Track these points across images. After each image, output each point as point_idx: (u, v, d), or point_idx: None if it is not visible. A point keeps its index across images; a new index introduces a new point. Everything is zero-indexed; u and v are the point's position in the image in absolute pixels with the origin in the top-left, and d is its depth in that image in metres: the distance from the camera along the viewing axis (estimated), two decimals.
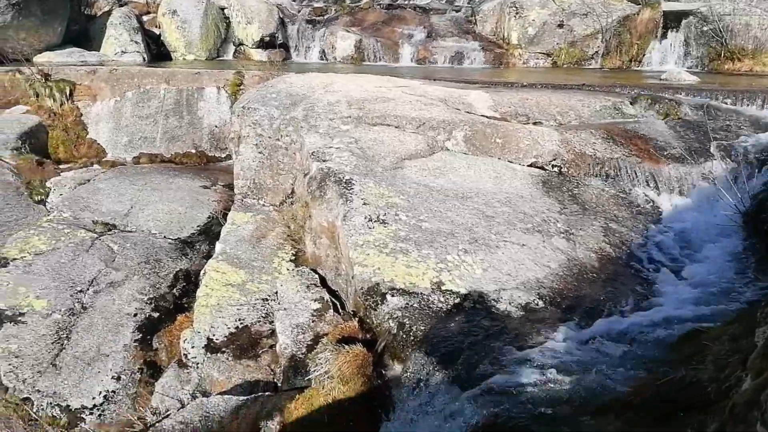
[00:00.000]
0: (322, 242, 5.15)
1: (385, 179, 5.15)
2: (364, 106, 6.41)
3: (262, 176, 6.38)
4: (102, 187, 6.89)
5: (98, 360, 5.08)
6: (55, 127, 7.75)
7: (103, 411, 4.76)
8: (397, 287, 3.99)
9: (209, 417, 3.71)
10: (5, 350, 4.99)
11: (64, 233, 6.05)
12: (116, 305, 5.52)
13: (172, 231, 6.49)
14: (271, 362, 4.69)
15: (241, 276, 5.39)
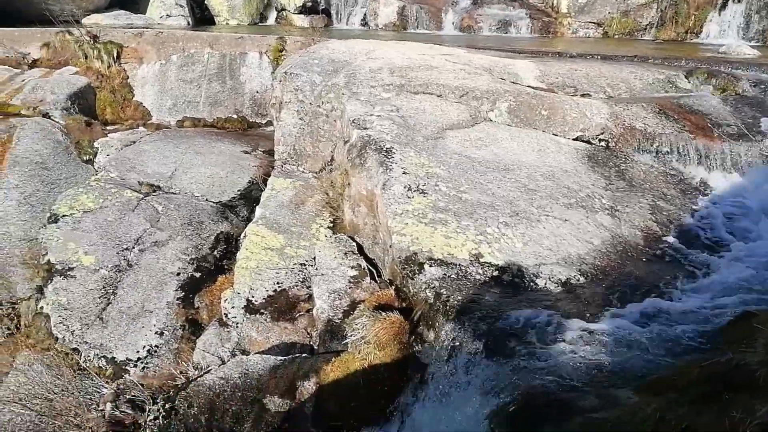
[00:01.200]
0: (361, 210, 5.16)
1: (425, 149, 5.09)
2: (407, 74, 6.31)
3: (302, 143, 6.39)
4: (147, 149, 7.05)
5: (143, 315, 5.27)
6: (103, 89, 7.92)
7: (147, 364, 4.96)
8: (435, 257, 3.97)
9: (248, 374, 3.81)
10: (55, 302, 5.24)
11: (111, 192, 6.24)
12: (160, 264, 5.69)
13: (213, 194, 6.60)
14: (307, 325, 4.77)
15: (280, 241, 5.46)
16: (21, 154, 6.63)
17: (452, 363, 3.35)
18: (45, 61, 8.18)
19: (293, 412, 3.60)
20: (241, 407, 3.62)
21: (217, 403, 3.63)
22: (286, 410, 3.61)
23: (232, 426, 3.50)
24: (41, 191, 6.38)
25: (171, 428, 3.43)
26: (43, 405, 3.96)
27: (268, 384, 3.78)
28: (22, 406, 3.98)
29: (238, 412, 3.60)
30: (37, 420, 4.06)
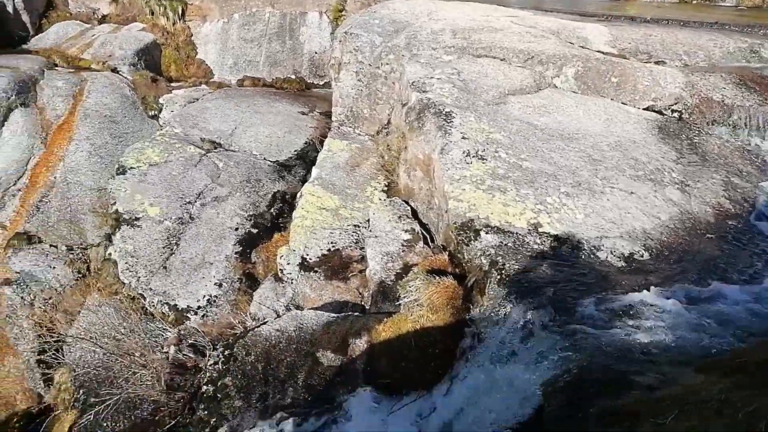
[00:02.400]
0: (416, 174, 5.13)
1: (486, 114, 4.96)
2: (469, 36, 6.12)
3: (360, 105, 6.36)
4: (209, 106, 7.20)
5: (203, 267, 5.49)
6: (168, 46, 8.10)
7: (206, 313, 5.19)
8: (491, 225, 3.91)
9: (303, 328, 3.92)
10: (123, 250, 5.51)
11: (175, 147, 6.44)
12: (220, 218, 5.88)
13: (271, 153, 6.71)
14: (359, 286, 4.85)
15: (335, 201, 5.52)
16: (91, 107, 6.91)
17: (505, 331, 3.33)
18: (114, 16, 8.41)
19: (345, 367, 3.69)
20: (295, 359, 3.74)
21: (272, 353, 3.76)
22: (338, 365, 3.71)
23: (287, 376, 3.63)
24: (110, 143, 6.66)
25: (230, 373, 3.59)
26: (112, 344, 4.24)
27: (321, 339, 3.88)
28: (93, 344, 4.26)
29: (292, 363, 3.72)
30: (105, 357, 4.35)
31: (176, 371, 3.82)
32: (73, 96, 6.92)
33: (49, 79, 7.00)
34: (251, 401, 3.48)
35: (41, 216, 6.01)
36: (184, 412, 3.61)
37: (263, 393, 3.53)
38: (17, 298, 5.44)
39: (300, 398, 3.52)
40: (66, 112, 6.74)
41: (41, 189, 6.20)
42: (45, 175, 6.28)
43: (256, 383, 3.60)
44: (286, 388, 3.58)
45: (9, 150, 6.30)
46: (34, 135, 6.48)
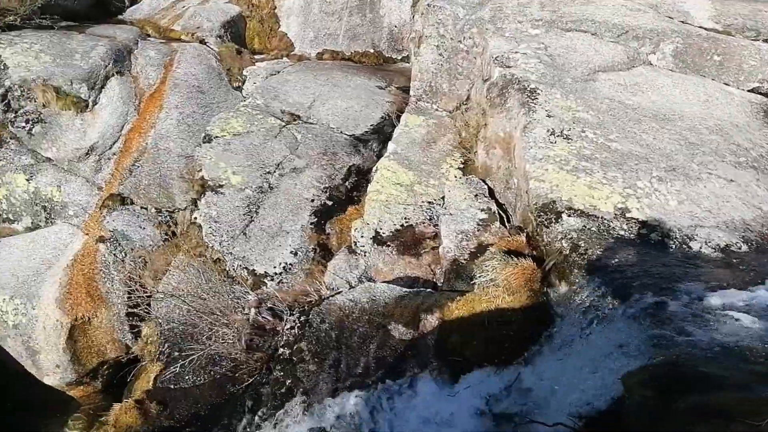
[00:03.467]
0: (495, 153, 5.01)
1: (573, 91, 4.75)
2: (558, 9, 5.85)
3: (439, 80, 6.27)
4: (290, 79, 7.34)
5: (280, 235, 5.67)
6: (252, 18, 8.29)
7: (282, 279, 5.37)
8: (575, 207, 3.77)
9: (375, 300, 3.98)
10: (207, 215, 5.78)
11: (257, 118, 6.63)
12: (297, 189, 6.02)
13: (348, 127, 6.77)
14: (431, 262, 4.85)
15: (410, 177, 5.51)
16: (180, 77, 7.21)
17: (585, 318, 3.23)
18: None
19: (416, 341, 3.73)
20: (367, 329, 3.81)
21: (346, 322, 3.85)
22: (409, 339, 3.75)
23: (359, 345, 3.71)
24: (197, 113, 6.94)
25: (305, 338, 3.72)
26: (198, 302, 4.49)
27: (393, 312, 3.93)
28: (182, 301, 4.54)
29: (364, 333, 3.79)
30: (190, 315, 4.62)
31: (255, 332, 4.01)
32: (164, 66, 7.25)
33: (142, 49, 7.37)
34: (324, 367, 3.59)
35: (133, 179, 6.40)
36: (262, 372, 3.78)
37: (336, 360, 3.63)
38: (110, 255, 5.84)
39: (371, 368, 3.60)
40: (157, 81, 7.09)
41: (134, 154, 6.58)
42: (137, 141, 6.66)
43: (330, 350, 3.70)
44: (358, 357, 3.66)
45: (106, 116, 6.72)
46: (129, 102, 6.87)
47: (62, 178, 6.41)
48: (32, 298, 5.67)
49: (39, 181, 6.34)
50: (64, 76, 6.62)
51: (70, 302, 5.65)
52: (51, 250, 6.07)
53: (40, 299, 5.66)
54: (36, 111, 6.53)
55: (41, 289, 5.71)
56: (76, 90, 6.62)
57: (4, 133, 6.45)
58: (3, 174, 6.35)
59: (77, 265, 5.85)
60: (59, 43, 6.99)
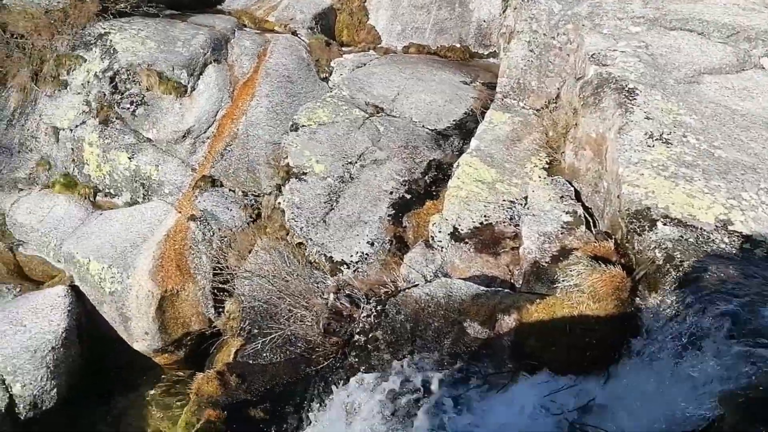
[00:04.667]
0: (585, 154, 4.83)
1: (675, 93, 4.49)
2: (663, 6, 5.53)
3: (528, 77, 6.11)
4: (376, 71, 7.42)
5: (358, 225, 5.77)
6: (342, 11, 8.45)
7: (358, 268, 5.46)
8: (671, 216, 3.58)
9: (451, 296, 3.97)
10: (290, 201, 5.97)
11: (342, 109, 6.77)
12: (377, 181, 6.10)
13: (430, 121, 6.76)
14: (510, 263, 4.76)
15: (491, 174, 5.43)
16: (272, 66, 7.48)
17: (678, 333, 3.05)
18: None
19: (491, 341, 3.68)
20: (442, 325, 3.81)
21: (421, 315, 3.87)
22: (485, 338, 3.71)
23: (433, 339, 3.72)
24: (285, 102, 7.19)
25: (380, 327, 3.77)
26: (281, 284, 4.67)
27: (469, 309, 3.90)
28: (267, 281, 4.74)
29: (439, 328, 3.79)
30: (272, 295, 4.81)
31: (333, 317, 4.11)
32: (258, 55, 7.55)
33: (238, 39, 7.71)
34: (399, 356, 3.63)
35: (224, 163, 6.73)
36: (337, 356, 3.88)
37: (410, 352, 3.66)
38: (199, 233, 6.19)
39: (445, 363, 3.59)
40: (251, 70, 7.40)
41: (226, 138, 6.91)
42: (230, 126, 6.99)
43: (404, 341, 3.74)
44: (432, 351, 3.67)
45: (203, 101, 7.10)
46: (224, 89, 7.22)
47: (160, 158, 6.86)
48: (128, 269, 6.13)
49: (139, 159, 6.81)
50: (167, 62, 7.05)
51: (162, 275, 6.05)
52: (147, 225, 6.52)
53: (135, 270, 6.10)
54: (140, 94, 7.01)
55: (136, 260, 6.16)
56: (177, 75, 7.03)
57: (110, 113, 6.97)
58: (108, 151, 6.88)
59: (169, 240, 6.25)
60: (163, 30, 7.45)
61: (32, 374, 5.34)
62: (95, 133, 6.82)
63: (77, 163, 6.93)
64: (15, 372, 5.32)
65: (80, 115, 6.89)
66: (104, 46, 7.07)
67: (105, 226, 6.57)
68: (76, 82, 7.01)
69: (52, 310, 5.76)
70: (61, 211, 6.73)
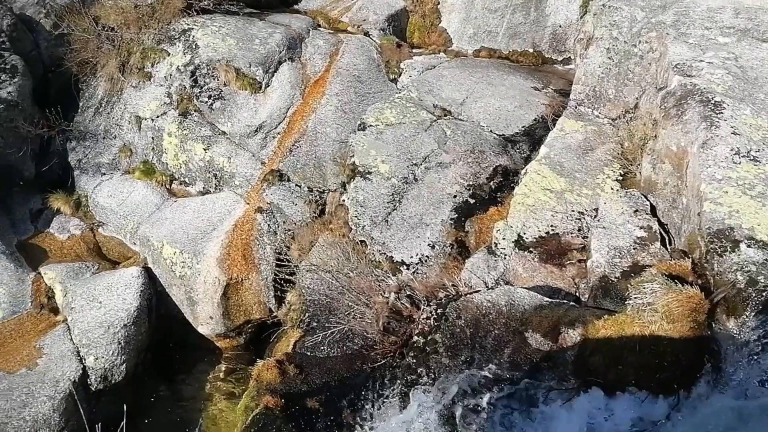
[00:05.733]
0: (663, 168, 4.64)
1: (766, 109, 4.23)
2: (756, 17, 5.22)
3: (605, 85, 5.92)
4: (445, 74, 7.39)
5: (420, 227, 5.77)
6: (415, 13, 8.48)
7: (417, 270, 5.46)
8: (756, 237, 3.38)
9: (514, 305, 3.91)
10: (354, 199, 6.05)
11: (410, 111, 6.79)
12: (441, 184, 6.08)
13: (498, 126, 6.67)
14: (576, 275, 4.63)
15: (561, 184, 5.30)
16: (343, 66, 7.60)
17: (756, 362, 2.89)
18: None
19: (553, 354, 3.60)
20: (503, 333, 3.76)
21: (482, 322, 3.83)
22: (547, 350, 3.63)
23: (493, 347, 3.68)
24: (354, 101, 7.29)
25: (440, 331, 3.77)
26: (343, 279, 4.75)
27: (531, 320, 3.83)
28: (331, 275, 4.83)
29: (499, 336, 3.75)
30: (332, 290, 4.90)
31: (393, 317, 4.14)
32: (330, 55, 7.70)
33: (312, 38, 7.88)
34: (457, 362, 3.61)
35: (292, 158, 6.90)
36: (395, 356, 3.91)
37: (469, 357, 3.63)
38: (265, 225, 6.38)
39: (504, 372, 3.55)
40: (322, 69, 7.55)
41: (295, 135, 7.09)
42: (299, 123, 7.17)
43: (464, 346, 3.71)
44: (491, 359, 3.63)
45: (275, 98, 7.31)
46: (296, 87, 7.41)
47: (233, 151, 7.12)
48: (197, 255, 6.40)
49: (214, 151, 7.10)
50: (244, 59, 7.31)
51: (228, 263, 6.28)
52: (217, 214, 6.79)
53: (204, 256, 6.36)
54: (218, 88, 7.30)
55: (206, 247, 6.42)
56: (253, 72, 7.28)
57: (190, 105, 7.30)
58: (185, 142, 7.21)
59: (237, 230, 6.48)
60: (242, 28, 7.72)
61: (105, 348, 5.66)
62: (175, 123, 7.17)
63: (156, 151, 7.30)
64: (89, 345, 5.67)
65: (162, 106, 7.26)
66: (187, 42, 7.41)
67: (179, 212, 6.89)
68: (160, 75, 7.38)
69: (126, 290, 6.09)
70: (139, 196, 7.11)
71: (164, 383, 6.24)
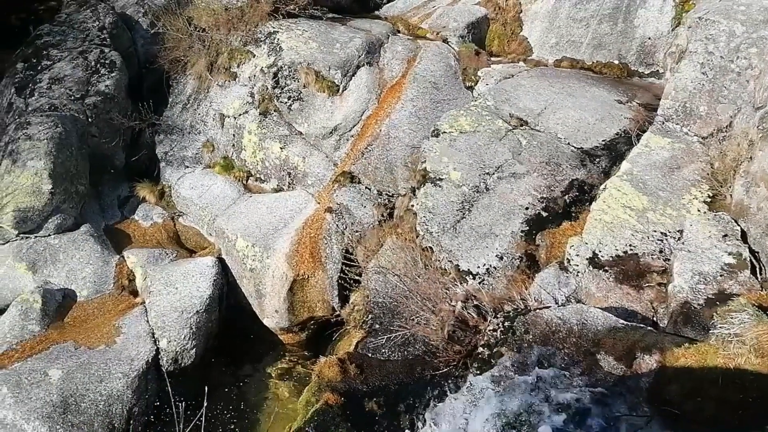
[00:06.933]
0: (758, 192, 4.33)
1: None
2: None
3: (697, 101, 5.61)
4: (523, 84, 7.25)
5: (488, 237, 5.68)
6: (496, 21, 8.37)
7: (483, 280, 5.38)
8: None
9: (586, 324, 3.76)
10: (423, 205, 6.04)
11: (485, 119, 6.71)
12: (513, 195, 5.96)
13: (577, 139, 6.46)
14: (654, 299, 4.40)
15: (642, 202, 5.06)
16: (420, 72, 7.63)
17: None
18: None
19: (626, 379, 3.43)
20: (573, 352, 3.63)
21: (550, 339, 3.71)
22: (619, 375, 3.47)
23: (562, 366, 3.55)
24: (428, 107, 7.29)
25: (506, 344, 3.68)
26: (411, 284, 4.75)
27: (604, 342, 3.67)
28: (398, 278, 4.85)
29: (569, 355, 3.62)
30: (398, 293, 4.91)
31: (458, 325, 4.09)
32: (407, 61, 7.74)
33: (391, 44, 7.96)
34: (524, 378, 3.51)
35: (364, 161, 6.99)
36: (458, 365, 3.85)
37: (537, 375, 3.52)
38: (334, 225, 6.48)
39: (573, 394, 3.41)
40: (399, 75, 7.60)
41: (368, 138, 7.18)
42: (373, 127, 7.25)
43: (530, 363, 3.61)
44: (559, 378, 3.50)
45: (352, 101, 7.45)
46: (372, 91, 7.51)
47: (307, 151, 7.31)
48: (268, 249, 6.60)
49: (290, 150, 7.32)
50: (324, 62, 7.49)
51: (296, 259, 6.43)
52: (288, 211, 6.98)
53: (274, 251, 6.55)
54: (297, 90, 7.53)
55: (276, 243, 6.61)
56: (332, 75, 7.45)
57: (270, 105, 7.57)
58: (264, 140, 7.48)
59: (307, 228, 6.62)
60: (325, 32, 7.92)
61: (177, 332, 5.94)
62: (255, 122, 7.45)
63: (236, 148, 7.62)
64: (164, 328, 5.97)
65: (244, 105, 7.56)
66: (272, 44, 7.69)
67: (253, 207, 7.14)
68: (244, 75, 7.70)
69: (201, 278, 6.37)
70: (218, 189, 7.43)
71: (229, 370, 6.47)
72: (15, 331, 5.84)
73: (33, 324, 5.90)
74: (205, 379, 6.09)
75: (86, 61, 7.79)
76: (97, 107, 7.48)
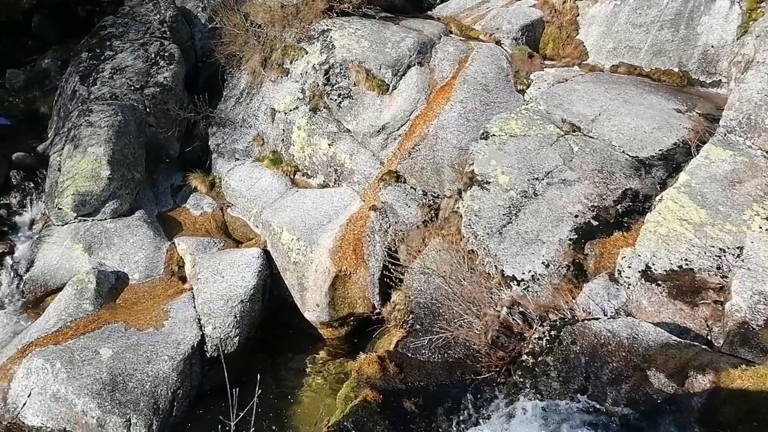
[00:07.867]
0: None
1: None
2: None
3: (763, 114, 5.36)
4: (577, 89, 7.09)
5: (535, 243, 5.59)
6: (551, 24, 8.22)
7: (528, 287, 5.29)
8: None
9: (636, 339, 3.65)
10: (469, 207, 5.99)
11: (536, 123, 6.60)
12: (562, 201, 5.84)
13: (632, 148, 6.27)
14: (709, 317, 4.24)
15: (701, 216, 4.88)
16: (471, 74, 7.56)
17: None
18: None
19: (677, 397, 3.32)
20: (622, 367, 3.53)
21: (599, 351, 3.62)
22: (670, 393, 3.36)
23: (609, 381, 3.47)
24: (478, 109, 7.23)
25: (552, 354, 3.62)
26: (455, 286, 4.73)
27: (655, 358, 3.55)
28: (443, 279, 4.83)
29: (618, 370, 3.52)
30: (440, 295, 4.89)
31: (502, 331, 4.05)
32: (458, 62, 7.69)
33: (443, 44, 7.93)
34: (568, 389, 3.45)
35: (410, 161, 6.99)
36: (500, 371, 3.81)
37: (582, 386, 3.45)
38: (377, 223, 6.51)
39: (619, 408, 3.32)
40: (449, 76, 7.56)
41: (415, 138, 7.17)
42: (421, 127, 7.24)
43: (576, 374, 3.54)
44: (606, 392, 3.42)
45: (401, 100, 7.46)
46: (421, 91, 7.49)
47: (355, 149, 7.36)
48: (312, 244, 6.68)
49: (338, 147, 7.39)
50: (376, 61, 7.53)
51: (339, 255, 6.49)
52: (333, 207, 7.05)
53: (318, 246, 6.63)
54: (347, 88, 7.59)
55: (320, 237, 6.69)
56: (382, 74, 7.48)
57: (320, 102, 7.66)
58: (312, 136, 7.58)
59: (351, 225, 6.68)
60: (377, 31, 7.95)
61: (222, 320, 6.09)
62: (305, 118, 7.55)
63: (285, 143, 7.74)
64: (210, 314, 6.12)
65: (295, 100, 7.68)
66: (325, 41, 7.77)
67: (299, 202, 7.24)
68: (297, 71, 7.82)
69: (246, 268, 6.52)
70: (266, 183, 7.58)
71: (269, 360, 6.59)
72: (70, 309, 6.11)
73: (87, 303, 6.15)
74: (245, 366, 6.25)
75: (147, 53, 8.08)
76: (155, 98, 7.75)
